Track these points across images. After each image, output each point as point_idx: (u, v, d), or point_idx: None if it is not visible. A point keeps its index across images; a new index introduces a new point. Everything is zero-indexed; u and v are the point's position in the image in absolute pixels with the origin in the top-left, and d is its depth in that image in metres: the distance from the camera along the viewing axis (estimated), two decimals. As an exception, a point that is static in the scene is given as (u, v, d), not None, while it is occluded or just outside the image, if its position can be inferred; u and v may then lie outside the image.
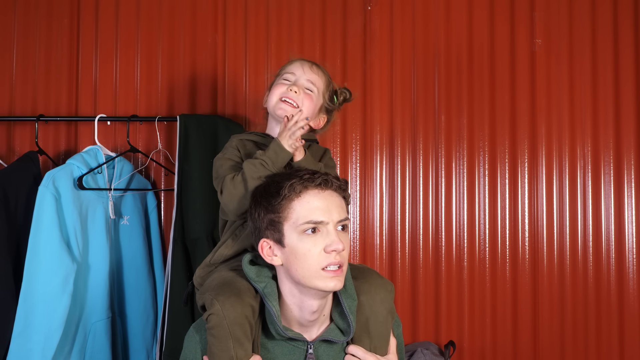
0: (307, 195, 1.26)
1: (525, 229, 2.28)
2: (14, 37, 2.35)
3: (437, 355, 2.13)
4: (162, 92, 2.34)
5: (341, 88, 1.66)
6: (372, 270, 1.46)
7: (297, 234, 1.25)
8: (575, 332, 2.25)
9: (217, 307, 1.26)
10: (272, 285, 1.31)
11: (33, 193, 1.93)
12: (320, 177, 1.28)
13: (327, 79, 1.61)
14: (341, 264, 1.26)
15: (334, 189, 1.29)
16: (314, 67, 1.58)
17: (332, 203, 1.27)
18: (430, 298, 2.28)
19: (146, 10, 2.35)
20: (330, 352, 1.34)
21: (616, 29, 2.31)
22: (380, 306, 1.37)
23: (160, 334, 1.99)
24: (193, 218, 2.00)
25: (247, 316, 1.27)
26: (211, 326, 1.26)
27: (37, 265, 1.86)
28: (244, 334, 1.25)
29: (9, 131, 2.33)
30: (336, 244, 1.24)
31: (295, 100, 1.53)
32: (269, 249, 1.31)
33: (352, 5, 2.34)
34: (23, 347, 1.84)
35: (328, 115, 1.64)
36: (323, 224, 1.25)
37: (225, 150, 1.55)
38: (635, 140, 2.28)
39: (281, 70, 1.61)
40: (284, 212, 1.26)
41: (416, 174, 2.31)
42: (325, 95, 1.59)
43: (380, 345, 1.38)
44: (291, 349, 1.31)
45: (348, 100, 1.68)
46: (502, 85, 2.31)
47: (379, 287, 1.39)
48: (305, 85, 1.55)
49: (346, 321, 1.32)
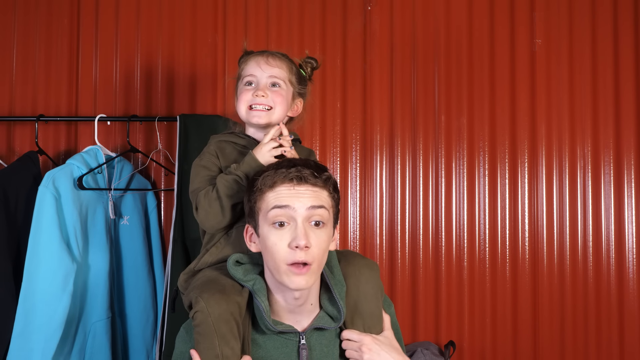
0: (278, 188, 1.24)
1: (525, 229, 2.28)
2: (14, 37, 2.35)
3: (437, 355, 2.13)
4: (162, 92, 2.34)
5: (304, 59, 1.59)
6: (355, 252, 1.44)
7: (267, 226, 1.24)
8: (575, 332, 2.25)
9: (202, 304, 1.24)
10: (260, 282, 1.30)
11: (33, 193, 1.93)
12: (294, 171, 1.24)
13: (287, 64, 1.52)
14: (308, 263, 1.22)
15: (310, 184, 1.25)
16: (270, 60, 1.50)
17: (303, 194, 1.24)
18: (430, 298, 2.28)
19: (146, 10, 2.35)
20: (322, 339, 1.33)
21: (616, 29, 2.31)
22: (367, 285, 1.36)
23: (160, 334, 1.99)
24: (193, 218, 1.99)
25: (232, 313, 1.25)
26: (197, 323, 1.25)
27: (37, 265, 1.86)
28: (229, 331, 1.24)
29: (9, 131, 2.33)
30: (299, 239, 1.20)
31: (264, 103, 1.47)
32: (250, 235, 1.32)
33: (352, 5, 2.34)
34: (23, 347, 1.84)
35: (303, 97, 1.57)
36: (289, 209, 1.22)
37: (202, 156, 1.50)
38: (635, 140, 2.28)
39: (240, 70, 1.54)
40: (258, 202, 1.26)
41: (416, 174, 2.31)
42: (293, 80, 1.52)
43: (373, 324, 1.36)
44: (283, 342, 1.30)
45: (316, 67, 1.60)
46: (502, 85, 2.31)
47: (363, 267, 1.37)
48: (268, 82, 1.49)
49: (336, 307, 1.31)
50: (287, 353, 1.30)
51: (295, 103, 1.55)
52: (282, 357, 1.30)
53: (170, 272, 1.98)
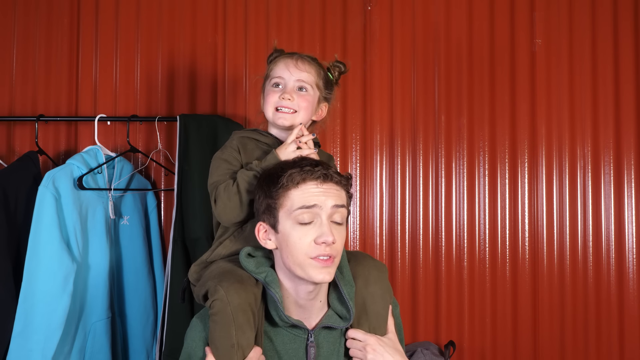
0: (304, 186, 1.26)
1: (525, 229, 2.28)
2: (14, 37, 2.35)
3: (437, 355, 2.13)
4: (162, 92, 2.34)
5: (333, 63, 1.59)
6: (365, 253, 1.46)
7: (291, 222, 1.26)
8: (575, 332, 2.25)
9: (222, 292, 1.25)
10: (272, 274, 1.32)
11: (33, 193, 1.93)
12: (320, 170, 1.27)
13: (316, 68, 1.53)
14: (332, 256, 1.25)
15: (334, 183, 1.29)
16: (299, 63, 1.51)
17: (328, 192, 1.27)
18: (430, 298, 2.28)
19: (146, 10, 2.35)
20: (329, 338, 1.35)
21: (616, 29, 2.31)
22: (375, 286, 1.38)
23: (160, 334, 1.99)
24: (193, 218, 2.00)
25: (250, 303, 1.27)
26: (214, 312, 1.26)
27: (37, 265, 1.86)
28: (246, 321, 1.25)
29: (9, 131, 2.33)
30: (326, 235, 1.24)
31: (290, 107, 1.49)
32: (264, 233, 1.33)
33: (352, 5, 2.34)
34: (23, 347, 1.84)
35: (328, 101, 1.58)
36: (316, 207, 1.25)
37: (224, 149, 1.52)
38: (635, 140, 2.28)
39: (269, 70, 1.56)
40: (280, 199, 1.27)
41: (416, 174, 2.31)
42: (320, 85, 1.54)
43: (378, 325, 1.38)
44: (292, 338, 1.32)
45: (344, 72, 1.61)
46: (502, 86, 2.31)
47: (372, 269, 1.39)
48: (296, 86, 1.50)
49: (345, 307, 1.33)
50: (295, 349, 1.32)
51: (320, 107, 1.57)
52: (291, 352, 1.32)
53: (170, 272, 1.98)
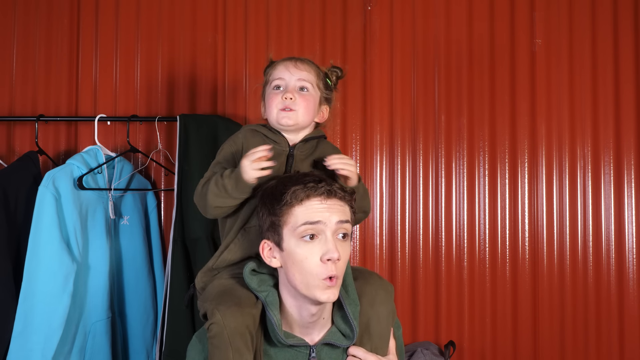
0: (308, 202, 1.26)
1: (525, 229, 2.28)
2: (14, 37, 2.35)
3: (437, 355, 2.13)
4: (162, 92, 2.34)
5: (329, 68, 1.60)
6: (372, 272, 1.46)
7: (295, 239, 1.25)
8: (575, 332, 2.25)
9: (218, 317, 1.26)
10: (273, 294, 1.32)
11: (33, 193, 1.93)
12: (324, 186, 1.26)
13: (315, 69, 1.54)
14: (334, 277, 1.24)
15: (338, 198, 1.28)
16: (298, 64, 1.52)
17: (332, 208, 1.27)
18: (430, 298, 2.28)
19: (146, 10, 2.35)
20: (332, 354, 1.35)
21: (616, 29, 2.31)
22: (381, 307, 1.38)
23: (160, 334, 1.99)
24: (193, 218, 2.00)
25: (247, 326, 1.27)
26: (212, 335, 1.27)
27: (37, 265, 1.86)
28: (244, 344, 1.26)
29: (9, 131, 2.33)
30: (332, 252, 1.23)
31: (292, 107, 1.49)
32: (269, 251, 1.31)
33: (352, 5, 2.34)
34: (23, 347, 1.84)
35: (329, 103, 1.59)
36: (320, 223, 1.24)
37: (229, 140, 1.53)
38: (635, 140, 2.28)
39: (268, 76, 1.55)
40: (284, 216, 1.26)
41: (416, 174, 2.31)
42: (320, 85, 1.54)
43: (381, 345, 1.38)
44: (294, 354, 1.32)
45: (341, 77, 1.62)
46: (502, 85, 2.31)
47: (379, 289, 1.39)
48: (297, 86, 1.50)
49: (349, 326, 1.33)
50: None
51: (322, 109, 1.57)
52: None
53: (170, 272, 1.98)
